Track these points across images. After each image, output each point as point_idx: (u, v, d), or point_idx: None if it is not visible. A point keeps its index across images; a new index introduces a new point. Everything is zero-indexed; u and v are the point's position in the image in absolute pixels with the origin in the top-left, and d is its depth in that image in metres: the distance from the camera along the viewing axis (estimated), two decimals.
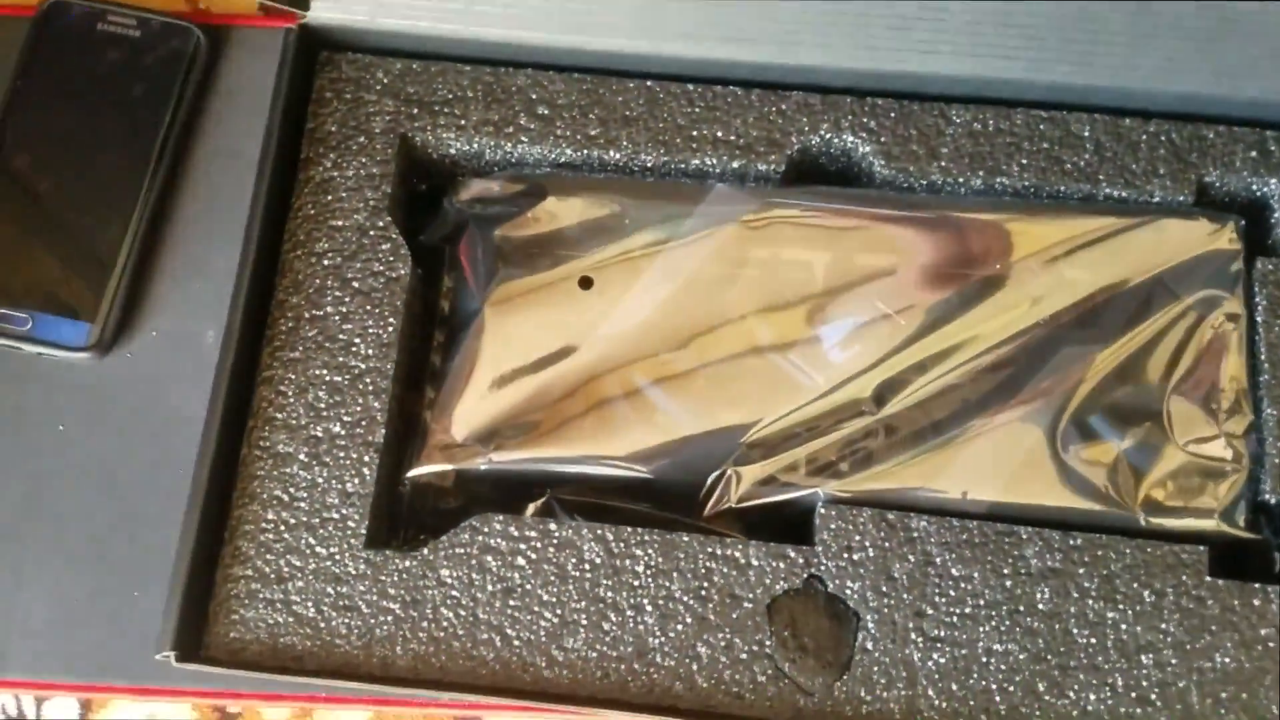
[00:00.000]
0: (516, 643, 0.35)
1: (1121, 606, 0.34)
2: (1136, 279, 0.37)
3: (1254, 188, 0.39)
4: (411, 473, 0.37)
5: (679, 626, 0.35)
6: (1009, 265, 0.38)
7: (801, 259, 0.38)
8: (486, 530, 0.36)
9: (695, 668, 0.34)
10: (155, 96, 0.45)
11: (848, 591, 0.35)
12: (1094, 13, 0.36)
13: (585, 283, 0.38)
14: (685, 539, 0.35)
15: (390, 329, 0.37)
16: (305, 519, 0.36)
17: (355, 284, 0.38)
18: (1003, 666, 0.34)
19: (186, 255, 0.44)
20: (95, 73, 0.45)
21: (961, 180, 0.38)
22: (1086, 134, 0.38)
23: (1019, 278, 0.37)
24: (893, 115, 0.39)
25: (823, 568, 0.35)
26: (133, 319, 0.44)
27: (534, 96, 0.39)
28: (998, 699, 0.34)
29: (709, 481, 0.36)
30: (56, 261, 0.43)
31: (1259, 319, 0.37)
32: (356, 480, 0.36)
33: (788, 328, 0.37)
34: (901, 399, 0.37)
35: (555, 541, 0.35)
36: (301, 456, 0.36)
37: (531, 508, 0.37)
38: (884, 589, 0.35)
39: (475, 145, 0.39)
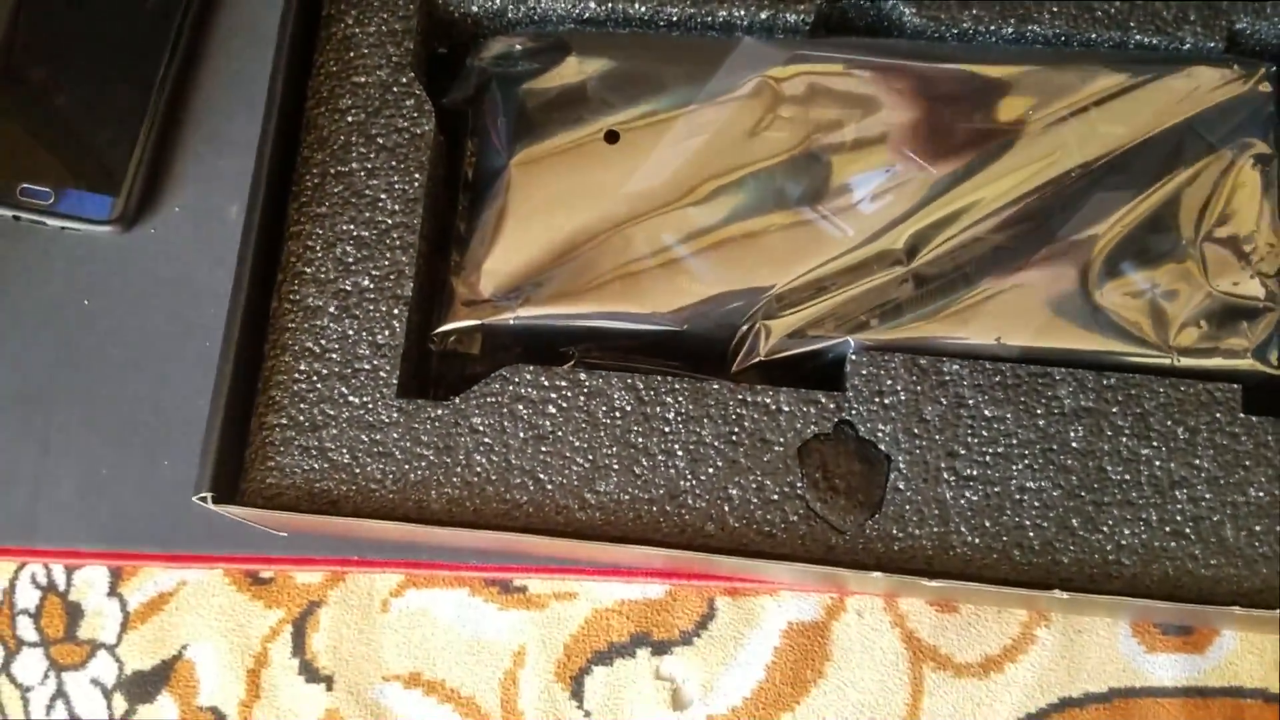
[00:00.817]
0: (549, 486, 0.35)
1: (1155, 444, 0.34)
2: (1167, 126, 0.37)
3: None
4: (440, 329, 0.37)
5: (710, 470, 0.35)
6: (1040, 116, 0.37)
7: (831, 111, 0.38)
8: (517, 380, 0.36)
9: (727, 508, 0.34)
10: None
11: (879, 434, 0.35)
12: None
13: (611, 137, 0.38)
14: (715, 386, 0.35)
15: (416, 184, 0.37)
16: (337, 369, 0.36)
17: (380, 139, 0.38)
18: (1036, 503, 0.34)
19: (209, 130, 0.44)
20: None
21: (993, 28, 0.38)
22: None
23: (1050, 128, 0.37)
24: None
25: (853, 412, 0.35)
26: (156, 194, 0.44)
27: None
28: (1031, 534, 0.34)
29: (737, 335, 0.36)
30: (78, 136, 0.43)
31: None
32: (387, 332, 0.36)
33: (818, 180, 0.37)
34: (933, 249, 0.36)
35: (586, 390, 0.35)
36: (331, 309, 0.36)
37: (566, 367, 0.37)
38: (915, 431, 0.35)
39: (497, 2, 0.39)
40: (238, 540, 0.40)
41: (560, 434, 0.35)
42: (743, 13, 0.38)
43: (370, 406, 0.35)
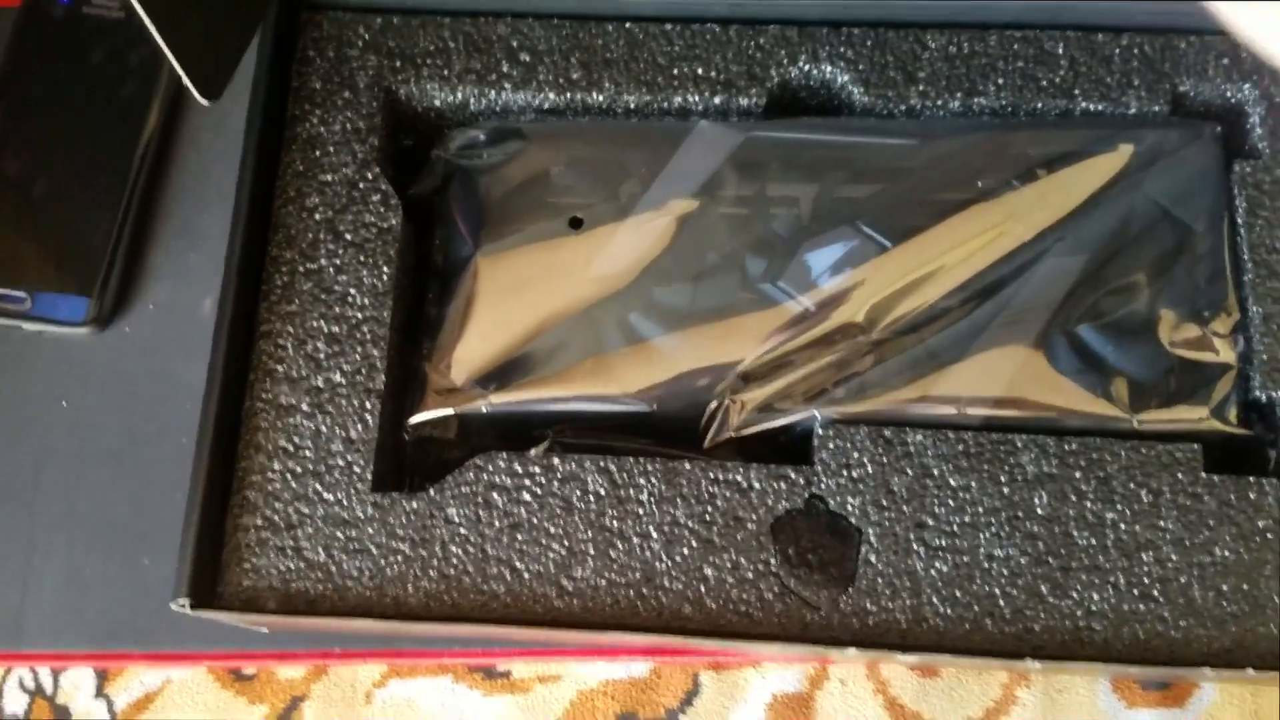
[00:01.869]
0: (526, 575, 0.35)
1: (1120, 507, 0.35)
2: (1117, 189, 0.38)
3: (1228, 94, 0.39)
4: (414, 419, 0.38)
5: (685, 550, 0.35)
6: (991, 184, 0.38)
7: (787, 189, 0.38)
8: (491, 468, 0.36)
9: (703, 589, 0.35)
10: (142, 73, 0.45)
11: (849, 508, 0.35)
12: None
13: (575, 223, 0.39)
14: (687, 466, 0.36)
15: (385, 278, 0.38)
16: (311, 467, 0.36)
17: (348, 236, 0.38)
18: (1005, 571, 0.34)
19: (180, 226, 0.45)
20: (83, 53, 0.45)
21: (940, 103, 0.39)
22: (1060, 51, 0.39)
23: (1002, 196, 0.38)
24: (869, 44, 0.39)
25: (823, 486, 0.35)
26: (130, 291, 0.44)
27: (515, 44, 0.40)
28: (1001, 603, 0.34)
29: (708, 412, 0.37)
30: (52, 239, 0.44)
31: (1240, 220, 0.38)
32: (360, 426, 0.36)
33: (777, 257, 0.38)
34: (893, 320, 0.37)
35: (559, 475, 0.36)
36: (304, 406, 0.37)
37: (534, 451, 0.38)
38: (884, 503, 0.35)
39: (459, 95, 0.40)
40: (221, 636, 0.40)
41: (535, 521, 0.35)
42: (697, 98, 0.39)
43: (345, 503, 0.36)
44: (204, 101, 0.33)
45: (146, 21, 0.29)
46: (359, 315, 0.38)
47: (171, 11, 0.30)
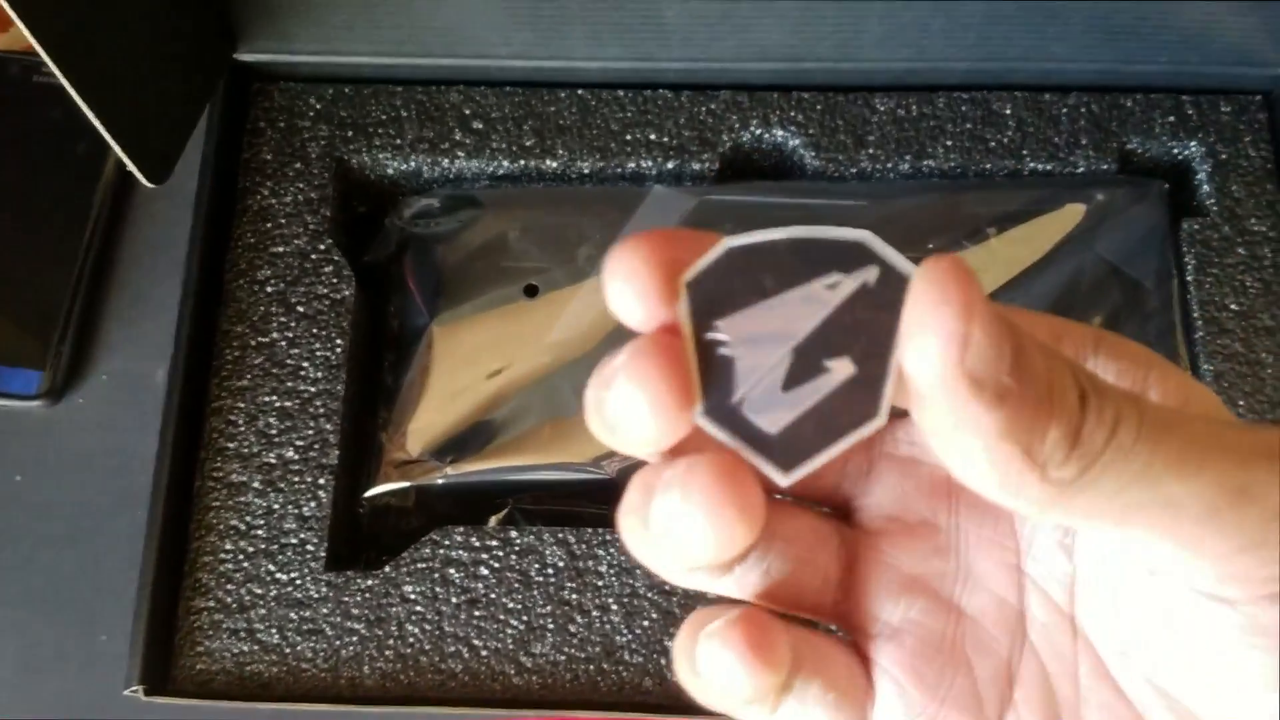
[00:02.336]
0: (484, 652, 0.35)
1: None
2: (1067, 248, 0.38)
3: (1175, 151, 0.40)
4: (370, 492, 0.37)
5: (645, 623, 0.35)
6: (943, 244, 0.38)
7: None
8: (447, 543, 0.36)
9: (664, 662, 0.34)
10: (93, 141, 0.45)
11: None
12: (1003, 12, 0.37)
13: (530, 290, 0.39)
14: None
15: (338, 350, 0.37)
16: (264, 546, 0.36)
17: (300, 308, 0.38)
18: None
19: (133, 296, 0.44)
20: (33, 121, 0.45)
21: (890, 165, 0.39)
22: (1008, 111, 0.39)
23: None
24: (819, 108, 0.39)
25: None
26: (82, 364, 0.44)
27: (467, 112, 0.40)
28: None
29: None
30: (3, 312, 0.43)
31: (1189, 278, 0.38)
32: (313, 503, 0.36)
33: None
34: None
35: (517, 549, 0.35)
36: (256, 484, 0.36)
37: (494, 519, 0.37)
38: None
39: (412, 164, 0.40)
40: (180, 710, 0.39)
41: (493, 596, 0.35)
42: (650, 163, 0.39)
43: (299, 582, 0.35)
44: (150, 185, 0.33)
45: (85, 109, 0.29)
46: (312, 389, 0.37)
47: (113, 97, 0.30)
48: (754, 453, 0.15)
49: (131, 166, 0.32)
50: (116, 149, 0.31)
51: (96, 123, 0.30)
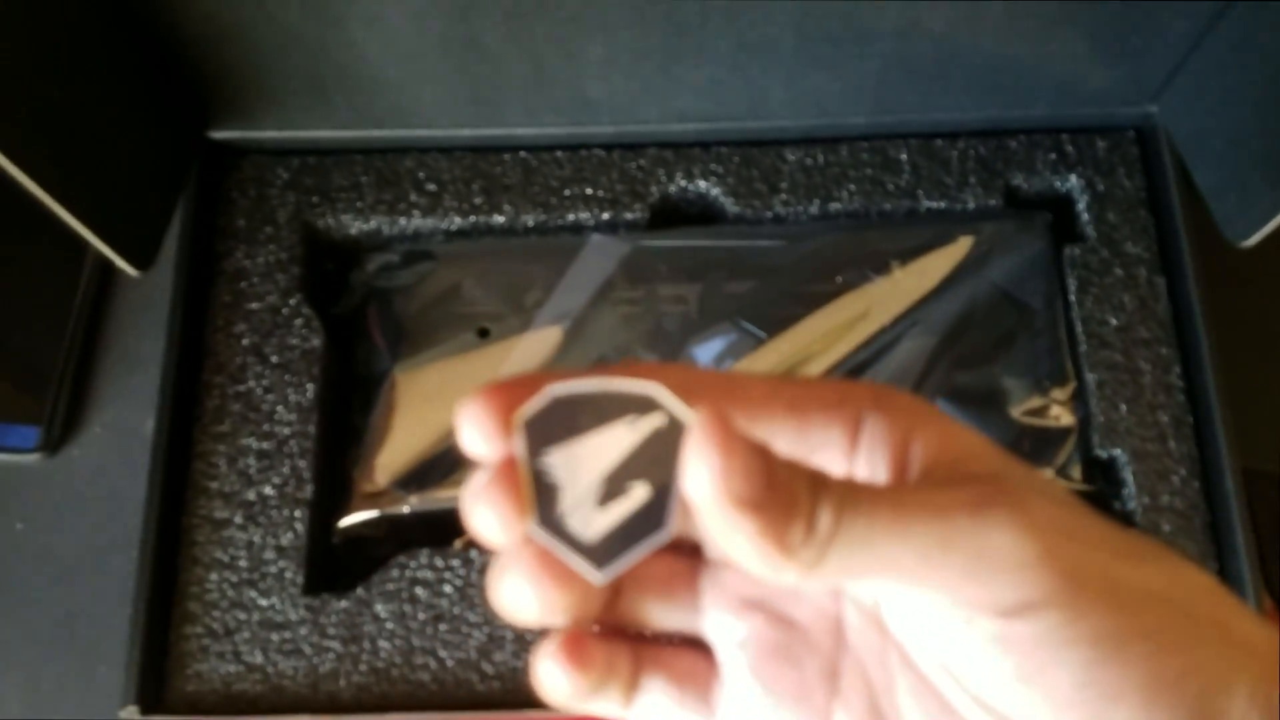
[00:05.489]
0: (450, 663, 0.38)
1: None
2: (962, 276, 0.43)
3: (1057, 185, 0.44)
4: (343, 522, 0.41)
5: None
6: (852, 278, 0.43)
7: (673, 290, 0.43)
8: (414, 565, 0.39)
9: None
10: None
11: None
12: (894, 75, 0.42)
13: (483, 333, 0.43)
14: None
15: (309, 395, 0.41)
16: (246, 575, 0.39)
17: (274, 358, 0.42)
18: None
19: (121, 354, 0.48)
20: (23, 191, 0.49)
21: (801, 209, 0.43)
22: (904, 157, 0.44)
23: (861, 288, 0.42)
24: (736, 160, 0.44)
25: None
26: (77, 418, 0.48)
27: (421, 175, 0.44)
28: None
29: None
30: (1, 371, 0.47)
31: (1072, 298, 0.42)
32: (290, 535, 0.40)
33: (667, 352, 0.42)
34: None
35: (477, 567, 0.39)
36: (237, 520, 0.40)
37: (458, 542, 0.41)
38: None
39: (373, 224, 0.44)
40: None
41: (457, 611, 0.39)
42: (588, 215, 0.44)
43: (279, 607, 0.39)
44: (135, 274, 0.36)
45: (63, 214, 0.31)
46: (286, 430, 0.41)
47: (90, 197, 0.32)
48: (575, 556, 0.19)
49: (116, 259, 0.35)
50: (99, 245, 0.33)
51: (77, 225, 0.32)
